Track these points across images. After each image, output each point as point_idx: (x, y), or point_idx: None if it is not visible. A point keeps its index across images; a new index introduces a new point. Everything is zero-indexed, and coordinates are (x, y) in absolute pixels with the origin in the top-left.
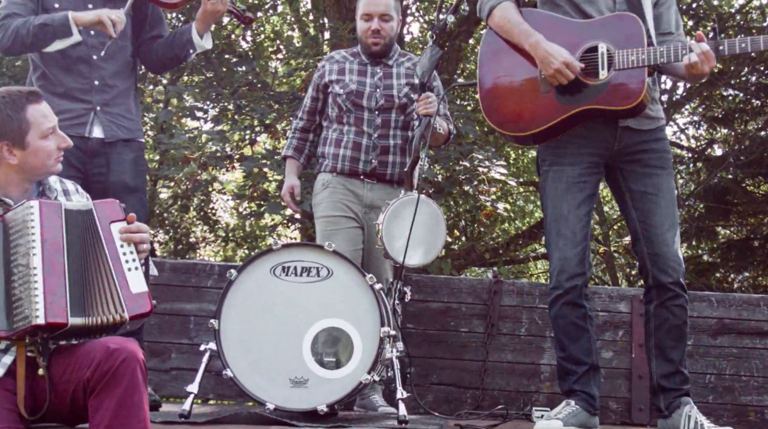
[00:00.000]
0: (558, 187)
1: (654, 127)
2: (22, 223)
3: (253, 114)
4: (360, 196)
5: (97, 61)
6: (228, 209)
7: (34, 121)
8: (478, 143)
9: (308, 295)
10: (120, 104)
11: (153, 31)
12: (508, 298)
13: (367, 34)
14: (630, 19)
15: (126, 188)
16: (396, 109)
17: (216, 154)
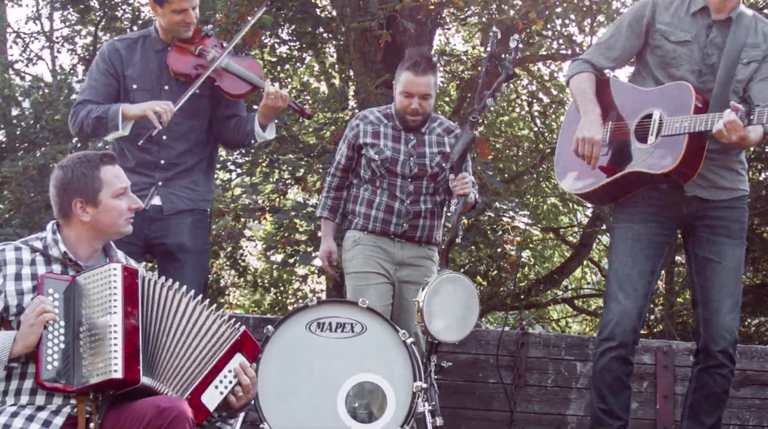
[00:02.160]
0: (625, 243)
1: (728, 198)
2: (104, 283)
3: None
4: (390, 253)
5: (167, 140)
6: (257, 254)
7: (107, 180)
8: (502, 193)
9: (343, 351)
10: (184, 178)
11: (229, 110)
12: (535, 350)
13: (407, 110)
14: (683, 87)
15: (184, 248)
16: (428, 177)
17: (249, 206)
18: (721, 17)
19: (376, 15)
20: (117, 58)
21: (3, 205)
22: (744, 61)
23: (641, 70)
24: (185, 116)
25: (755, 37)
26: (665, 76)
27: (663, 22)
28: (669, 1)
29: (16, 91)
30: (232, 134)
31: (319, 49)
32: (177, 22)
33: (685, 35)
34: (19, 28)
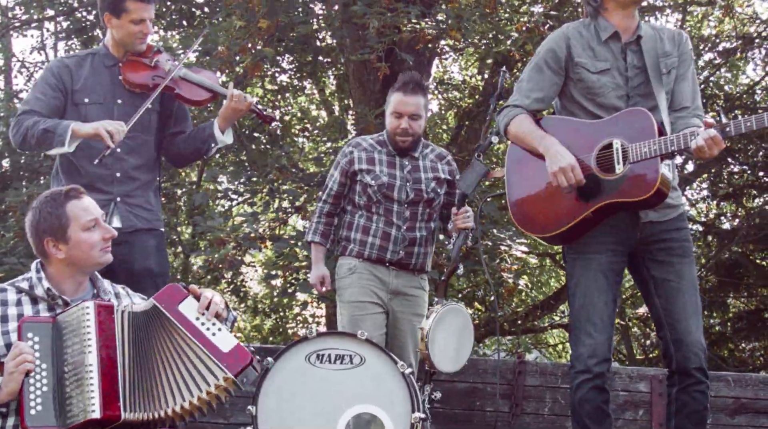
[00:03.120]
0: (586, 274)
1: (675, 215)
2: (77, 323)
3: (284, 196)
4: (386, 282)
5: (121, 153)
6: (257, 278)
7: (74, 215)
8: (499, 221)
9: (342, 382)
10: (140, 196)
11: (177, 126)
12: (532, 378)
13: (397, 131)
14: (640, 113)
15: (150, 273)
16: (424, 202)
17: (249, 235)
18: (630, 38)
19: (375, 48)
20: (66, 74)
21: (7, 234)
22: (664, 72)
23: (566, 105)
24: (138, 130)
25: (663, 46)
26: (595, 106)
27: (580, 56)
28: (578, 34)
29: None
30: (184, 146)
31: (318, 77)
32: (134, 33)
33: (604, 64)
34: (24, 58)
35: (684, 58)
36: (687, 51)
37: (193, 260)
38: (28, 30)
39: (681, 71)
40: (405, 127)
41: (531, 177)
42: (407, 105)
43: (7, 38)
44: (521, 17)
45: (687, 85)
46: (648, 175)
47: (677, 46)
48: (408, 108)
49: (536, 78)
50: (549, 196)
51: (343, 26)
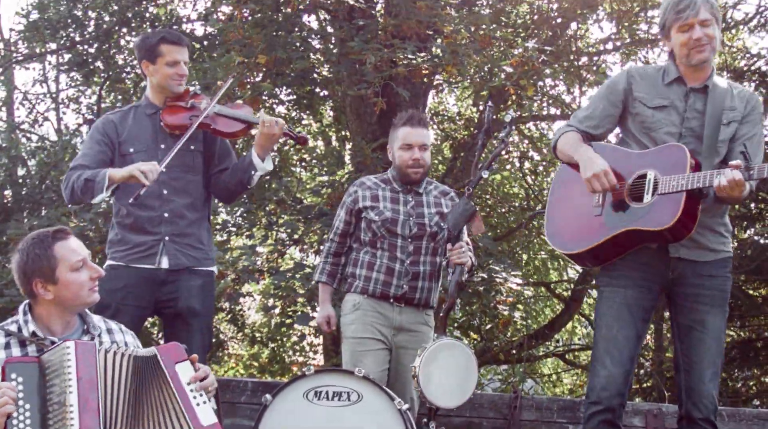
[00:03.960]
0: (611, 307)
1: (711, 260)
2: (59, 363)
3: (282, 228)
4: (389, 318)
5: (168, 195)
6: (255, 306)
7: (62, 256)
8: (494, 253)
9: (340, 419)
10: (189, 234)
11: (222, 164)
12: (528, 413)
13: (408, 163)
14: (676, 148)
15: (193, 313)
16: (427, 236)
17: (248, 268)
18: (696, 86)
19: (371, 83)
20: (111, 128)
21: (8, 265)
22: (724, 122)
23: (625, 137)
24: (182, 171)
25: (732, 101)
26: (648, 139)
27: (640, 90)
28: (644, 72)
29: (22, 150)
30: (230, 179)
31: (316, 109)
32: (170, 76)
33: (663, 101)
34: (26, 91)
35: (750, 119)
36: (756, 112)
37: None
38: (31, 63)
39: (744, 131)
40: (417, 157)
41: (569, 195)
42: (417, 136)
43: (10, 71)
44: (515, 50)
45: (750, 145)
46: (670, 208)
47: (746, 104)
48: (418, 139)
49: (593, 106)
50: (581, 215)
51: (341, 61)
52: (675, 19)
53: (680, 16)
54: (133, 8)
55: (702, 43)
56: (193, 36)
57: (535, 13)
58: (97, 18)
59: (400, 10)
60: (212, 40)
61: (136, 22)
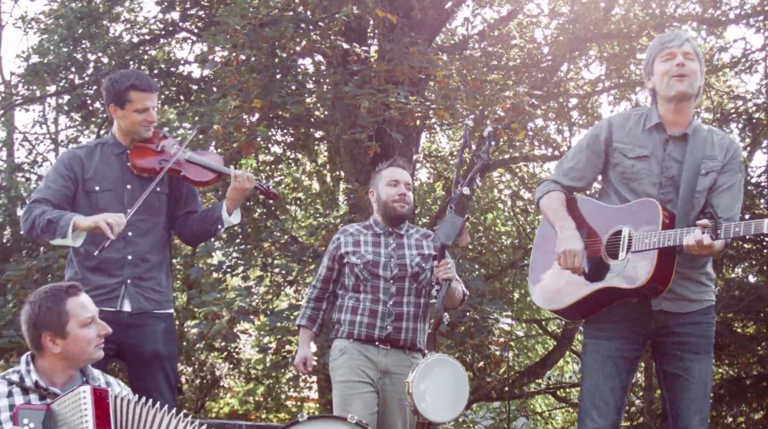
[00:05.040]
0: (596, 360)
1: (695, 309)
2: (75, 407)
3: (278, 270)
4: (375, 361)
5: (132, 237)
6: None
7: (73, 312)
8: (486, 294)
9: None
10: (151, 278)
11: (187, 207)
12: None
13: (394, 198)
14: (650, 204)
15: (158, 357)
16: (409, 277)
17: (243, 309)
18: (676, 133)
19: (365, 127)
20: (77, 163)
21: (6, 308)
22: (702, 172)
23: (605, 187)
24: (148, 213)
25: (712, 150)
26: (627, 190)
27: (620, 140)
28: (624, 120)
29: (21, 190)
30: (197, 227)
31: (311, 149)
32: (139, 122)
33: (643, 150)
34: (26, 132)
35: (730, 168)
36: (735, 162)
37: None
38: (31, 105)
39: (723, 180)
40: (403, 193)
41: (550, 253)
42: (402, 174)
43: (10, 113)
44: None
45: (727, 196)
46: (643, 266)
47: (726, 153)
48: (403, 176)
49: (576, 158)
50: (561, 272)
51: (335, 104)
52: (659, 50)
53: (665, 47)
54: (132, 51)
55: (683, 72)
56: (190, 78)
57: (526, 57)
58: (96, 61)
59: (393, 55)
60: (209, 81)
61: (135, 64)
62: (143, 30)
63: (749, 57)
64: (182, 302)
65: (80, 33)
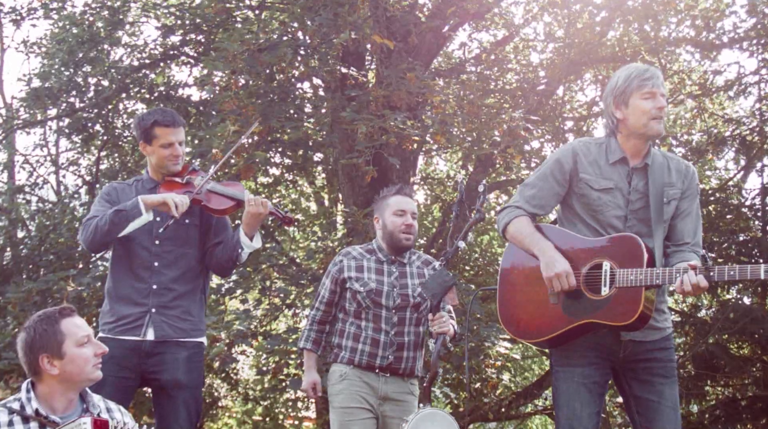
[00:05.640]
0: (569, 386)
1: (659, 337)
2: None
3: (276, 293)
4: (375, 388)
5: (158, 267)
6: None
7: (69, 332)
8: (483, 320)
9: None
10: (177, 306)
11: (217, 238)
12: None
13: (401, 228)
14: (632, 240)
15: (178, 385)
16: (411, 307)
17: (242, 332)
18: (638, 164)
19: (363, 152)
20: (114, 195)
21: (6, 330)
22: (665, 201)
23: (568, 214)
24: (175, 244)
25: (670, 176)
26: (594, 221)
27: (585, 171)
28: (587, 149)
29: (22, 211)
30: (221, 255)
31: (310, 171)
32: (165, 157)
33: (608, 183)
34: (27, 154)
35: (689, 193)
36: (693, 186)
37: None
38: (32, 128)
39: (684, 206)
40: (410, 223)
41: (521, 282)
42: (409, 203)
43: (11, 137)
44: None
45: (690, 221)
46: (631, 303)
47: (683, 178)
48: (410, 206)
49: (539, 185)
50: (537, 304)
51: (333, 128)
52: (640, 85)
53: (646, 83)
54: (132, 75)
55: (663, 114)
56: (190, 101)
57: (522, 80)
58: (97, 84)
59: (391, 80)
60: (208, 105)
61: (134, 88)
62: (143, 54)
63: (743, 80)
64: None
65: (81, 57)
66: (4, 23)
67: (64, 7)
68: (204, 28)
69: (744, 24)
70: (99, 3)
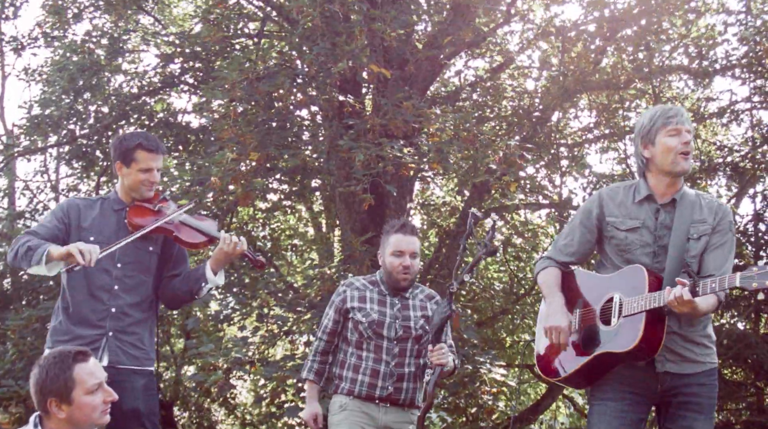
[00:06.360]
0: (602, 420)
1: (698, 371)
2: None
3: (273, 320)
4: (375, 418)
5: (118, 291)
6: (246, 387)
7: (80, 379)
8: (479, 345)
9: None
10: (132, 333)
11: (175, 269)
12: None
13: (398, 269)
14: (636, 270)
15: (138, 414)
16: (412, 339)
17: (239, 359)
18: (666, 201)
19: (360, 180)
20: (74, 211)
21: (6, 357)
22: (695, 237)
23: (602, 258)
24: (136, 270)
25: (701, 213)
26: (622, 261)
27: (612, 214)
28: (615, 193)
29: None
30: (180, 286)
31: (307, 197)
32: (141, 181)
33: (634, 222)
34: (27, 181)
35: (720, 228)
36: (725, 222)
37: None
38: (32, 155)
39: (714, 241)
40: (407, 265)
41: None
42: (409, 244)
43: (12, 164)
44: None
45: (718, 255)
46: (632, 330)
47: (715, 215)
48: (409, 246)
49: (570, 235)
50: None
51: (330, 156)
52: (665, 123)
53: (671, 121)
54: (131, 102)
55: (689, 149)
56: (189, 128)
57: (518, 107)
58: (97, 111)
59: (387, 109)
60: (207, 132)
61: (135, 115)
62: (143, 81)
63: (735, 108)
64: (179, 349)
65: (81, 84)
66: (5, 51)
67: (65, 35)
68: (203, 56)
69: (736, 52)
70: (99, 31)
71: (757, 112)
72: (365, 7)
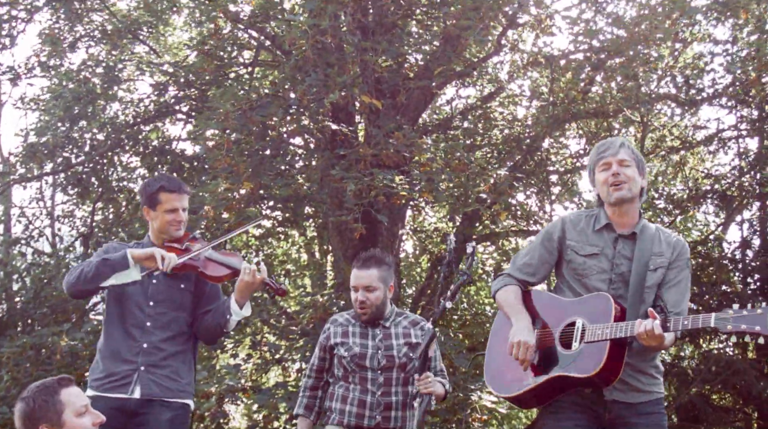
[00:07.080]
0: None
1: (644, 400)
2: None
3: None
4: None
5: (150, 327)
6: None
7: (68, 402)
8: (468, 371)
9: None
10: (167, 366)
11: (209, 305)
12: None
13: (356, 305)
14: (602, 297)
15: None
16: (397, 368)
17: (232, 386)
18: (625, 232)
19: (352, 209)
20: (113, 251)
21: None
22: (651, 268)
23: (559, 282)
24: (169, 307)
25: (659, 246)
26: (579, 285)
27: (572, 239)
28: (577, 220)
29: (18, 264)
30: (210, 321)
31: (300, 224)
32: (168, 222)
33: (593, 249)
34: (23, 207)
35: (677, 265)
36: (682, 259)
37: None
38: (28, 182)
39: (671, 276)
40: (362, 300)
41: (504, 343)
42: (359, 278)
43: (8, 191)
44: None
45: (676, 292)
46: (595, 357)
47: (673, 251)
48: (361, 281)
49: (531, 254)
50: (514, 361)
51: (323, 185)
52: (597, 159)
53: (602, 157)
54: (126, 130)
55: (619, 179)
56: (183, 156)
57: (509, 136)
58: (92, 139)
59: (379, 140)
60: (201, 159)
61: (130, 142)
62: (138, 109)
63: (722, 135)
64: None
65: (77, 113)
66: (2, 80)
67: (62, 63)
68: (197, 85)
69: (723, 80)
70: (95, 60)
71: (744, 140)
72: (357, 39)
